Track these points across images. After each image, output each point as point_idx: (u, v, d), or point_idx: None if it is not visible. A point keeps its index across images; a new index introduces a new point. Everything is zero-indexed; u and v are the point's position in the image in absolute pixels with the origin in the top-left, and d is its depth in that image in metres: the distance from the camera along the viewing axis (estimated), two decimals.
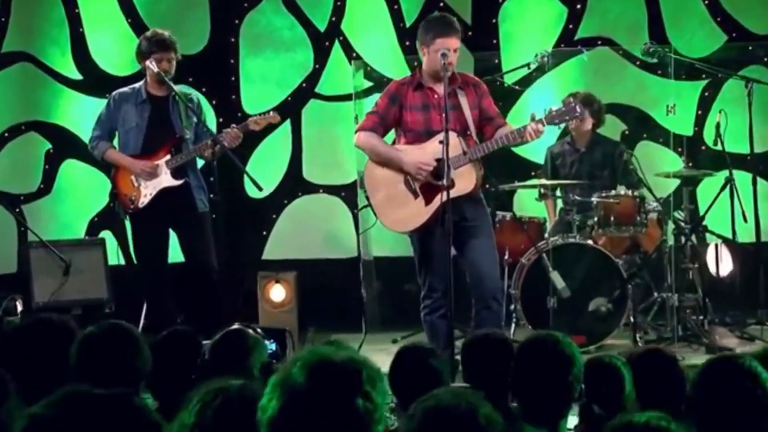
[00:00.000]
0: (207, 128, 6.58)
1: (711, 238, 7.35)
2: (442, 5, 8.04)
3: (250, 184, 6.34)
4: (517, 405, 3.26)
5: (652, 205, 6.98)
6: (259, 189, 6.41)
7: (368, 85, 8.13)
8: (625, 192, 6.85)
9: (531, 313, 6.75)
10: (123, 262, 7.71)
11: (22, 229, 8.04)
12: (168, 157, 6.50)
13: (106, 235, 7.93)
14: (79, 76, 8.22)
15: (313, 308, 7.74)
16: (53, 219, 8.18)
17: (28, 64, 8.19)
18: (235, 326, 4.20)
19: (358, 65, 8.15)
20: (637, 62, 7.98)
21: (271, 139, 8.14)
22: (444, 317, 5.69)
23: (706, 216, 6.93)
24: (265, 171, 7.82)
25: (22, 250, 7.70)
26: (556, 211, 7.50)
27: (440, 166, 5.49)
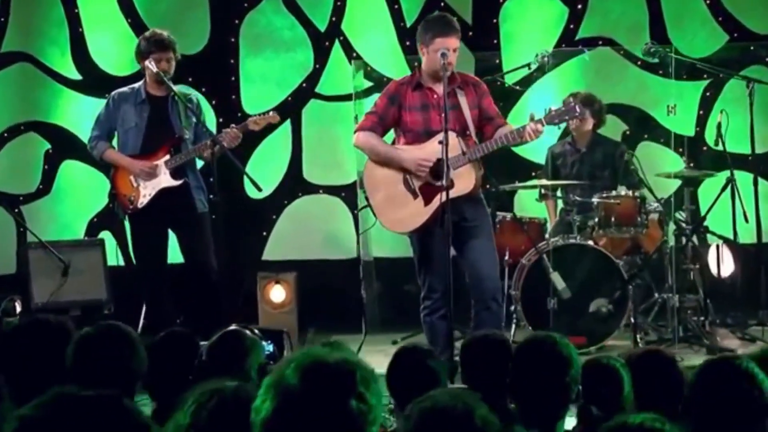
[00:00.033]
0: (206, 128, 6.57)
1: (712, 239, 7.34)
2: (443, 5, 8.03)
3: (250, 184, 6.32)
4: (515, 406, 3.25)
5: (653, 206, 6.97)
6: (259, 189, 6.40)
7: (368, 85, 8.12)
8: (625, 192, 6.83)
9: (531, 314, 6.74)
10: (122, 263, 7.71)
11: (21, 230, 8.02)
12: (167, 157, 6.49)
13: (106, 235, 7.92)
14: (78, 76, 8.21)
15: (313, 309, 7.73)
16: (52, 219, 8.18)
17: (28, 64, 8.19)
18: (233, 327, 4.19)
19: (359, 65, 8.14)
20: (638, 62, 7.97)
21: (271, 140, 8.13)
22: (444, 318, 5.67)
23: (707, 216, 6.93)
24: (265, 171, 7.82)
25: (21, 250, 7.68)
26: (556, 212, 7.48)
27: (439, 166, 5.47)
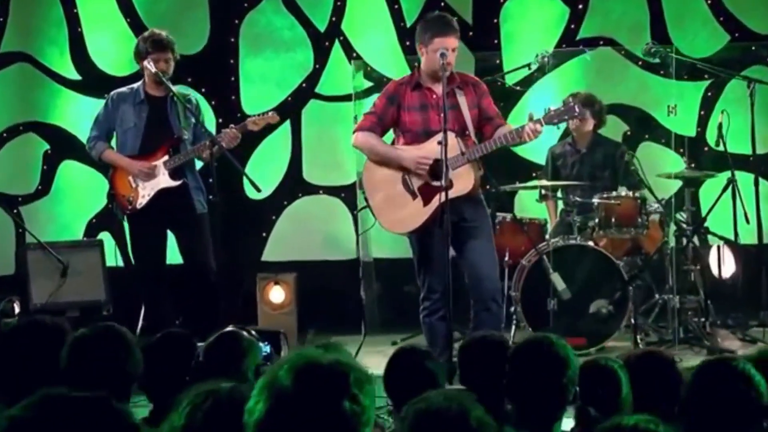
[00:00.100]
0: (205, 129, 6.55)
1: (713, 240, 7.32)
2: (443, 5, 8.01)
3: (249, 185, 6.31)
4: (512, 407, 3.23)
5: (654, 207, 6.96)
6: (258, 190, 6.39)
7: (368, 85, 8.10)
8: (626, 193, 6.82)
9: (531, 315, 6.72)
10: (121, 264, 7.68)
11: (20, 231, 8.00)
12: (166, 157, 6.47)
13: (105, 236, 7.90)
14: (77, 77, 8.21)
15: (312, 310, 7.72)
16: (51, 220, 8.17)
17: (27, 65, 8.18)
18: (230, 328, 4.17)
19: (358, 65, 8.13)
20: (639, 62, 7.95)
21: (271, 140, 8.12)
22: (443, 319, 5.65)
23: (707, 217, 6.92)
24: (264, 172, 7.81)
25: (20, 251, 7.68)
26: (556, 213, 7.46)
27: (438, 166, 5.45)
